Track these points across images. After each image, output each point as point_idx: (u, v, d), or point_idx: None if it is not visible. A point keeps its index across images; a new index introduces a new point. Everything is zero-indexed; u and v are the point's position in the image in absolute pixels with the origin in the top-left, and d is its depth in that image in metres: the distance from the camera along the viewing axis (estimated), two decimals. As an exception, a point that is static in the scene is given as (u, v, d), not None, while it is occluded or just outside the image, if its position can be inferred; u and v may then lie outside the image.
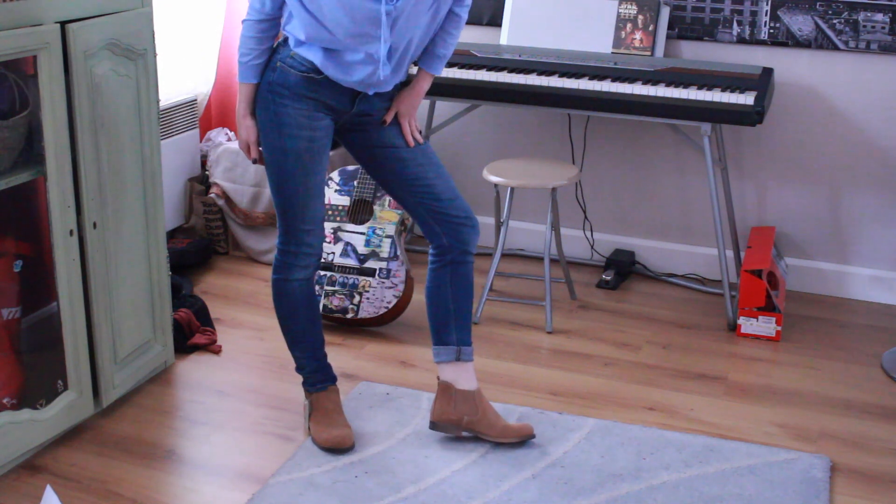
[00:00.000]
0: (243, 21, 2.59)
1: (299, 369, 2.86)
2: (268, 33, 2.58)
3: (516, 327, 3.63)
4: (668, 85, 3.54)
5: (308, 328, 2.81)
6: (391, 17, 2.41)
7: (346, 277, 3.48)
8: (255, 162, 2.71)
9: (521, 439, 2.80)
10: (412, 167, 2.69)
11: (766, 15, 3.77)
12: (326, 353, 2.88)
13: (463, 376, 2.79)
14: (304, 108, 2.57)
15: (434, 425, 2.80)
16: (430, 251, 2.77)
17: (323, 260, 3.55)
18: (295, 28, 2.51)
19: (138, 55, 2.88)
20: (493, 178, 3.58)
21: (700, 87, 3.51)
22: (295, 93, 2.56)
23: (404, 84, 2.71)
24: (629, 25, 3.81)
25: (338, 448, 2.75)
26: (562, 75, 3.66)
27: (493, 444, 2.82)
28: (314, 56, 2.51)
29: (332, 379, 2.88)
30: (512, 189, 3.61)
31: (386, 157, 2.70)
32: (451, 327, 2.77)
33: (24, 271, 2.83)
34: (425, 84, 2.73)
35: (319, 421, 2.81)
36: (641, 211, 4.16)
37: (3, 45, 2.40)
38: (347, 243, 3.49)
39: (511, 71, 3.70)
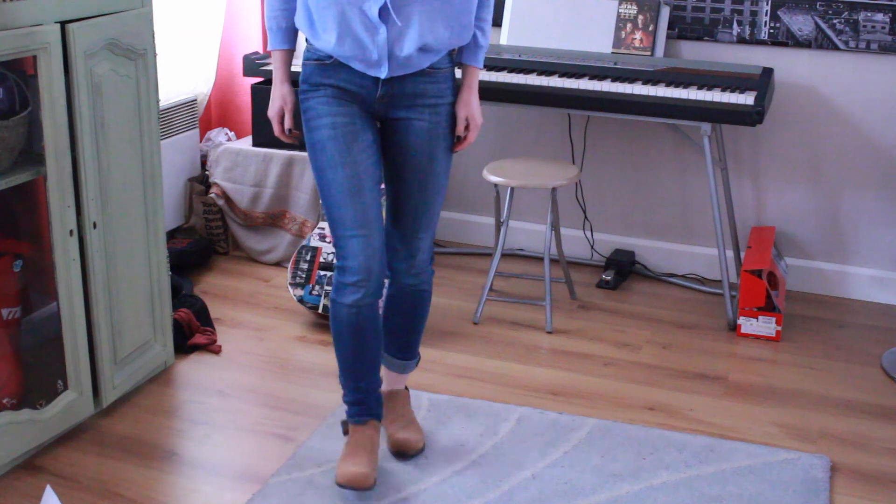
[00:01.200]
0: None
1: (343, 395, 2.67)
2: None
3: (516, 327, 3.63)
4: (668, 85, 3.54)
5: (354, 359, 2.58)
6: None
7: (346, 277, 3.48)
8: (289, 134, 2.56)
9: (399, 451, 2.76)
10: (406, 181, 2.55)
11: (766, 15, 3.77)
12: (377, 388, 2.65)
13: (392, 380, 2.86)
14: (322, 95, 2.45)
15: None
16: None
17: (323, 259, 3.56)
18: (299, 14, 2.46)
19: (138, 55, 2.88)
20: (493, 178, 3.58)
21: (700, 87, 3.51)
22: (313, 83, 2.46)
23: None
24: (629, 25, 3.81)
25: (353, 487, 2.53)
26: (562, 75, 3.66)
27: (493, 444, 2.82)
28: (315, 35, 2.42)
29: (375, 415, 2.66)
30: (512, 189, 3.61)
31: (393, 158, 2.56)
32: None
33: (24, 271, 2.83)
34: (471, 81, 2.56)
35: (346, 454, 2.60)
36: (641, 211, 4.16)
37: (3, 45, 2.40)
38: (347, 243, 3.49)
39: (511, 71, 3.70)
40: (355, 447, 2.61)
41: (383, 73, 2.41)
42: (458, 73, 2.59)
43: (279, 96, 2.54)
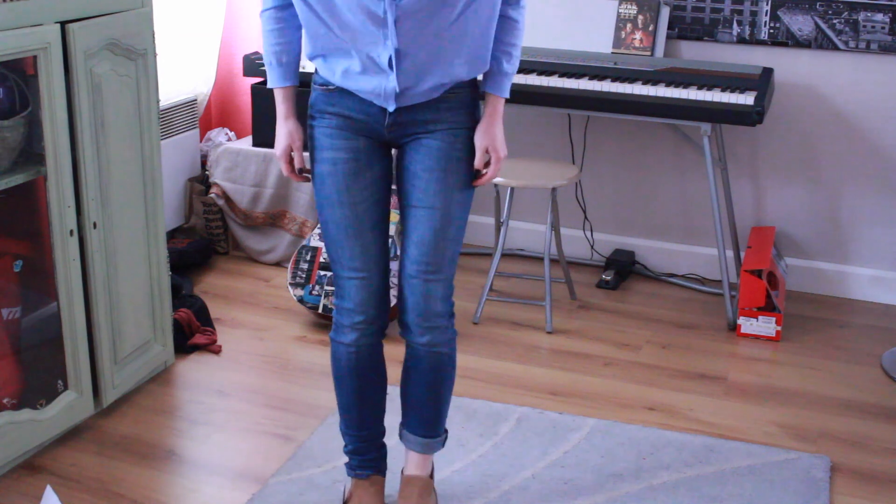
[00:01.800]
0: (261, 13, 2.27)
1: (344, 446, 2.49)
2: (290, 23, 2.24)
3: (516, 327, 3.63)
4: (668, 85, 3.54)
5: (355, 403, 2.41)
6: (393, 15, 2.05)
7: (346, 277, 3.48)
8: (301, 173, 2.34)
9: None
10: (417, 207, 2.28)
11: (766, 15, 3.77)
12: (380, 438, 2.48)
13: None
14: (326, 125, 2.25)
15: None
16: None
17: (323, 259, 3.56)
18: (304, 40, 2.24)
19: (138, 55, 2.88)
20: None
21: (700, 87, 3.51)
22: (319, 110, 2.26)
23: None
24: (629, 25, 3.81)
25: None
26: (562, 75, 3.66)
27: (493, 444, 2.82)
28: (321, 65, 2.23)
29: (378, 469, 2.48)
30: (512, 189, 3.61)
31: (403, 183, 2.31)
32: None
33: (24, 271, 2.83)
34: (493, 110, 2.28)
35: None
36: (641, 211, 4.16)
37: (3, 45, 2.40)
38: (347, 243, 3.49)
39: (511, 71, 3.70)
40: None
41: (391, 107, 2.19)
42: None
43: (285, 133, 2.31)
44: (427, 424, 2.45)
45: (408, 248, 2.28)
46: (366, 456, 2.46)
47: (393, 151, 2.34)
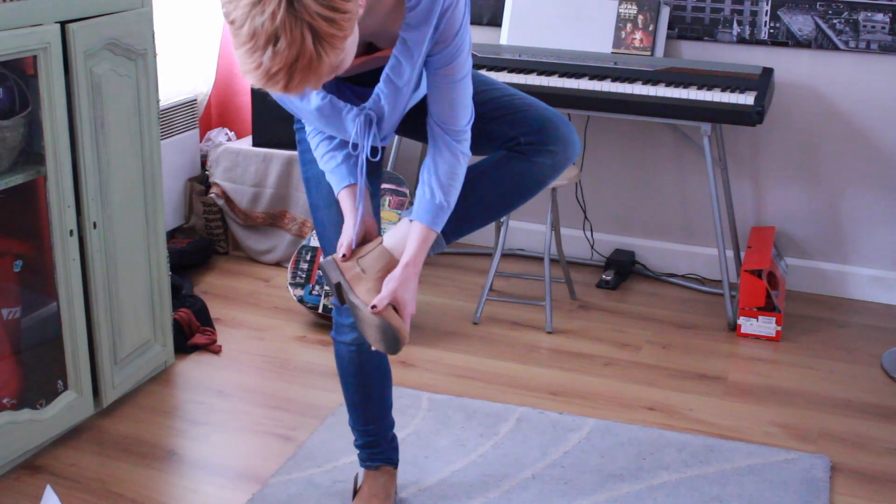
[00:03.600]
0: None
1: (354, 440, 2.54)
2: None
3: (516, 327, 3.63)
4: (668, 85, 3.55)
5: (360, 402, 2.45)
6: (370, 119, 2.00)
7: (346, 277, 3.48)
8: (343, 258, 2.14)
9: None
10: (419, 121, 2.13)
11: (766, 15, 3.77)
12: (388, 431, 2.53)
13: None
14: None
15: None
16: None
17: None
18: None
19: (138, 55, 2.88)
20: (493, 178, 3.57)
21: (700, 87, 3.51)
22: None
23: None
24: (629, 25, 3.81)
25: None
26: (562, 75, 3.66)
27: (493, 444, 2.82)
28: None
29: (389, 460, 2.53)
30: (512, 189, 3.61)
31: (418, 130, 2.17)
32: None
33: (24, 271, 2.83)
34: (420, 245, 2.06)
35: (359, 502, 2.50)
36: (641, 211, 4.16)
37: (3, 45, 2.40)
38: (347, 243, 3.49)
39: (511, 71, 3.70)
40: (369, 497, 2.49)
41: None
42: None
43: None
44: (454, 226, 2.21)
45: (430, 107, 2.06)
46: (375, 449, 2.50)
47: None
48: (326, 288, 3.50)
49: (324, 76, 1.68)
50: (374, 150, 2.08)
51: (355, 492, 2.53)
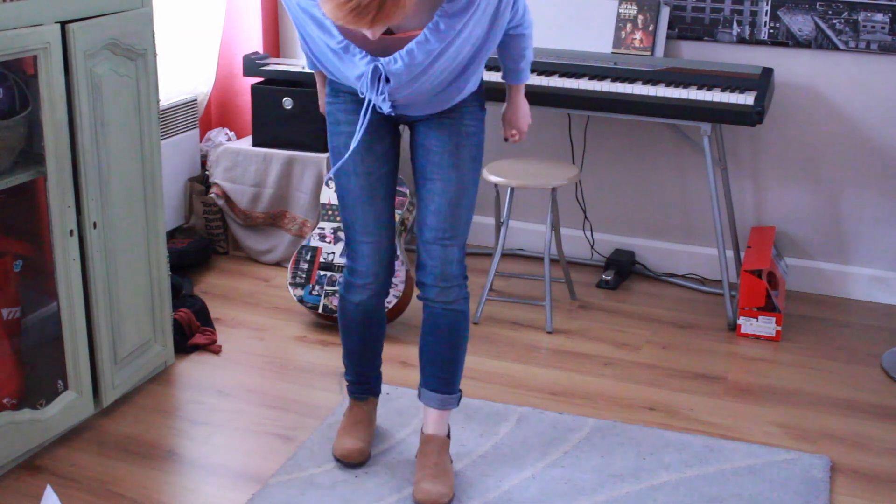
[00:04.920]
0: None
1: (345, 373, 2.81)
2: None
3: (516, 327, 3.63)
4: (668, 85, 3.55)
5: (360, 351, 2.73)
6: (380, 73, 2.25)
7: (346, 277, 3.48)
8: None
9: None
10: (431, 180, 2.48)
11: (766, 15, 3.77)
12: (377, 369, 2.80)
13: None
14: (341, 102, 2.47)
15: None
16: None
17: (323, 259, 3.56)
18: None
19: (138, 55, 2.88)
20: (494, 178, 3.58)
21: (700, 87, 3.51)
22: (334, 88, 2.48)
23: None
24: (629, 25, 3.81)
25: (345, 461, 2.69)
26: (562, 75, 3.66)
27: (493, 444, 2.82)
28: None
29: (374, 392, 2.82)
30: (512, 189, 3.61)
31: (417, 159, 2.52)
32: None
33: (24, 271, 2.83)
34: (517, 96, 2.70)
35: (343, 428, 2.76)
36: (641, 211, 4.16)
37: (3, 45, 2.40)
38: (347, 243, 3.49)
39: (511, 71, 3.70)
40: (354, 422, 2.76)
41: (387, 111, 2.35)
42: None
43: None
44: (445, 381, 2.63)
45: (425, 218, 2.49)
46: (364, 384, 2.79)
47: (400, 128, 2.58)
48: (326, 288, 3.50)
49: (406, 11, 2.03)
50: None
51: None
